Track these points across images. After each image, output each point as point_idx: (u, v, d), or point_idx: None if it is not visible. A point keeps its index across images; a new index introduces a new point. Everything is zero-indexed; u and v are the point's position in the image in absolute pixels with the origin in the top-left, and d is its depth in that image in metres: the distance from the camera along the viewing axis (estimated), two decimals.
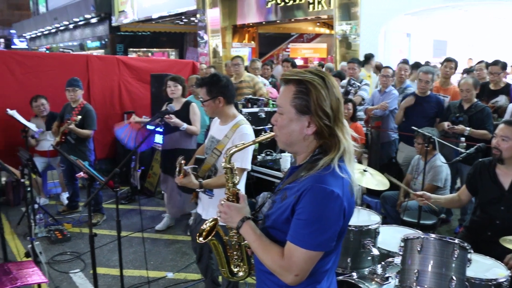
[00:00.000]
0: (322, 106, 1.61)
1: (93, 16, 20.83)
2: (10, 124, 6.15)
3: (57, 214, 6.00)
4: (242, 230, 1.77)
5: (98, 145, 6.32)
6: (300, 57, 15.47)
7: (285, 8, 13.13)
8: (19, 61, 6.58)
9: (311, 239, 1.57)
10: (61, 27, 25.53)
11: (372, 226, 3.15)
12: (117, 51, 20.04)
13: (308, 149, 1.70)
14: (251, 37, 16.18)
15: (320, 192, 1.57)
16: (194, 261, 4.56)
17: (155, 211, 6.16)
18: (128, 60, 7.78)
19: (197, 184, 2.99)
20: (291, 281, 1.63)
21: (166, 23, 19.57)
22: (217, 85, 3.14)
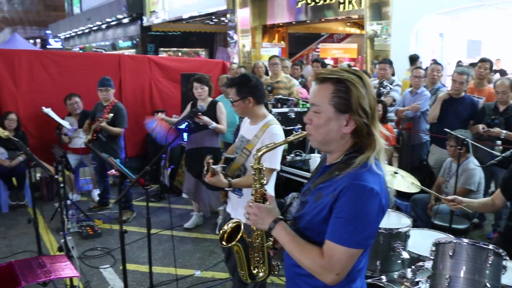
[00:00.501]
0: (362, 105, 1.61)
1: (125, 16, 21.16)
2: (45, 122, 6.32)
3: (88, 210, 6.12)
4: (275, 232, 1.73)
5: (128, 143, 6.41)
6: (330, 57, 15.34)
7: (315, 8, 13.05)
8: (54, 60, 6.73)
9: (352, 237, 1.56)
10: (94, 27, 26.03)
11: (402, 229, 3.10)
12: (148, 51, 20.30)
13: (343, 148, 1.69)
14: (281, 37, 16.15)
15: (360, 189, 1.56)
16: (222, 260, 4.60)
17: (184, 209, 6.21)
18: (159, 59, 7.87)
19: (226, 183, 3.00)
20: (331, 280, 1.61)
21: (196, 23, 19.71)
22: (247, 85, 3.14)
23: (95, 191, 6.65)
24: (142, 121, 6.94)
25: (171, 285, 4.21)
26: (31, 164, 4.26)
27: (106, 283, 4.28)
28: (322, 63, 7.88)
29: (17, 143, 4.22)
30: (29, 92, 6.45)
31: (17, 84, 6.36)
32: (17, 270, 3.23)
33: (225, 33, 18.39)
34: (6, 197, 6.20)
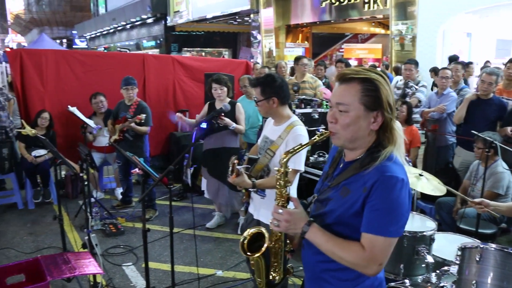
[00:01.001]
0: (389, 102, 1.69)
1: (149, 16, 21.38)
2: (70, 120, 6.42)
3: (111, 208, 6.18)
4: (309, 234, 1.73)
5: (152, 142, 6.45)
6: (354, 58, 15.24)
7: (339, 7, 12.97)
8: (80, 60, 6.82)
9: (390, 226, 1.63)
10: (119, 27, 26.38)
11: (427, 232, 3.05)
12: (172, 51, 20.47)
13: (368, 144, 1.74)
14: (305, 37, 16.10)
15: (391, 181, 1.63)
16: (243, 260, 4.59)
17: (206, 208, 6.23)
18: (182, 59, 7.90)
19: (250, 183, 2.99)
20: (375, 271, 1.67)
21: (220, 23, 19.80)
22: (272, 85, 3.13)
23: (118, 189, 6.72)
24: (166, 120, 7.02)
25: (193, 284, 4.22)
26: (57, 162, 4.33)
27: (128, 280, 4.32)
28: (346, 63, 7.82)
29: (44, 141, 4.29)
30: (56, 91, 6.55)
31: (44, 84, 6.46)
32: (43, 265, 3.29)
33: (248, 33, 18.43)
34: (32, 194, 6.32)
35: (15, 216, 6.07)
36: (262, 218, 3.30)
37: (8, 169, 6.31)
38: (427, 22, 10.14)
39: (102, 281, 3.90)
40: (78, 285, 4.15)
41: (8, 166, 6.30)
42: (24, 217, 6.03)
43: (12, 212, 6.20)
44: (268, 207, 3.18)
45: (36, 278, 3.33)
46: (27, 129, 5.41)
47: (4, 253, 4.93)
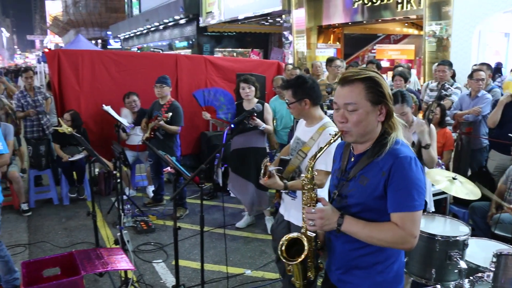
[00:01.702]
0: (389, 92, 1.88)
1: (181, 17, 21.60)
2: (104, 119, 6.55)
3: (143, 206, 6.28)
4: (345, 226, 1.87)
5: (183, 142, 6.52)
6: (386, 59, 15.02)
7: (372, 8, 12.82)
8: (114, 60, 6.95)
9: (415, 201, 1.79)
10: (152, 28, 26.74)
11: (460, 237, 2.98)
12: (204, 51, 20.62)
13: (375, 134, 1.91)
14: (336, 38, 15.97)
15: (406, 161, 1.80)
16: (272, 260, 4.59)
17: (236, 208, 6.27)
18: (215, 59, 7.94)
19: (282, 185, 2.98)
20: (412, 243, 1.81)
21: (251, 23, 19.84)
22: (303, 87, 3.13)
23: (150, 187, 6.82)
24: (197, 120, 7.08)
25: (221, 283, 4.25)
26: (91, 159, 4.43)
27: (158, 277, 4.39)
28: (377, 64, 7.72)
29: (79, 139, 4.39)
30: (91, 90, 6.69)
31: (80, 83, 6.60)
32: (77, 260, 3.37)
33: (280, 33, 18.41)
34: (68, 190, 6.49)
35: (51, 211, 6.25)
36: (293, 219, 3.30)
37: (45, 166, 6.50)
38: (462, 22, 9.91)
39: (133, 277, 3.97)
40: (109, 280, 4.24)
41: (45, 163, 6.50)
42: (59, 212, 6.19)
43: (48, 207, 6.38)
44: (299, 208, 3.17)
45: (71, 272, 3.42)
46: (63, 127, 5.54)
47: (40, 246, 5.09)
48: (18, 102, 6.62)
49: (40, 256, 4.68)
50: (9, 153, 3.84)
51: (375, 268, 1.94)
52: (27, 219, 5.90)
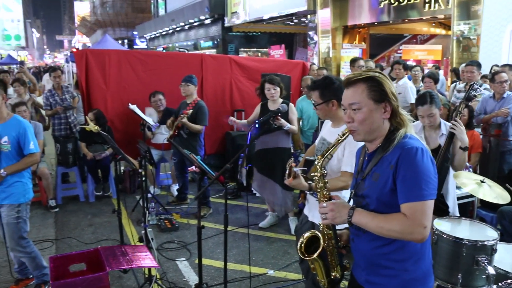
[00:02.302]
0: (392, 90, 1.93)
1: (207, 17, 21.73)
2: (130, 118, 6.62)
3: (167, 204, 6.32)
4: (355, 217, 1.91)
5: (208, 141, 6.55)
6: (412, 59, 14.80)
7: (398, 8, 12.66)
8: (141, 59, 7.02)
9: (423, 190, 1.80)
10: (178, 28, 26.97)
11: (488, 242, 2.91)
12: (229, 51, 20.70)
13: (384, 132, 1.96)
14: (362, 38, 15.83)
15: (410, 152, 1.83)
16: (295, 261, 4.58)
17: (259, 208, 6.26)
18: (240, 59, 7.95)
19: (306, 186, 2.94)
20: (422, 234, 1.80)
21: (276, 23, 19.84)
22: (330, 88, 3.10)
23: (174, 186, 6.86)
24: (222, 119, 7.10)
25: (244, 282, 4.26)
26: (117, 157, 4.48)
27: (181, 275, 4.41)
28: (404, 64, 7.60)
29: (106, 137, 4.45)
30: (117, 89, 6.77)
31: (106, 82, 6.69)
32: (103, 256, 3.42)
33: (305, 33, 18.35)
34: (93, 188, 6.60)
35: (77, 207, 6.35)
36: (317, 220, 3.27)
37: (72, 163, 6.62)
38: (492, 22, 9.70)
39: (156, 274, 3.99)
40: (133, 277, 4.28)
41: (72, 160, 6.61)
42: (85, 209, 6.29)
43: (75, 204, 6.49)
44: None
45: (96, 268, 3.47)
46: (90, 125, 5.63)
47: (66, 242, 5.18)
48: (46, 100, 6.74)
49: (66, 252, 4.77)
50: (40, 152, 3.91)
51: (402, 266, 1.95)
52: (54, 215, 6.02)
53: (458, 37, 10.28)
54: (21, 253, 3.87)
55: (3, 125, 3.73)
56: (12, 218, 3.76)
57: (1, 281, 4.28)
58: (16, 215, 3.77)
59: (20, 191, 3.79)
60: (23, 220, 3.84)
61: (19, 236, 3.81)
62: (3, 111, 3.77)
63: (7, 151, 3.69)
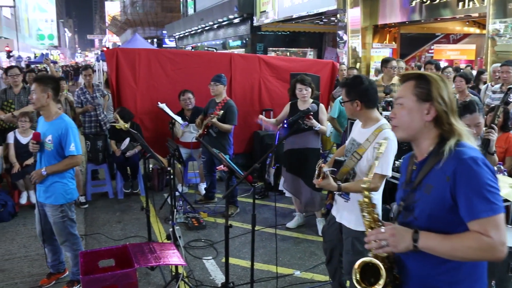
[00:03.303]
0: (441, 94, 1.81)
1: (236, 17, 21.79)
2: (159, 116, 6.67)
3: (194, 202, 6.35)
4: (422, 242, 1.71)
5: (236, 140, 6.52)
6: (444, 59, 14.52)
7: (430, 6, 12.42)
8: (170, 58, 7.06)
9: (492, 203, 1.64)
10: (206, 27, 27.13)
11: None
12: (257, 50, 20.71)
13: (428, 136, 1.85)
14: (392, 38, 15.59)
15: (470, 162, 1.68)
16: (322, 262, 4.52)
17: (286, 208, 6.22)
18: (269, 59, 7.91)
19: (335, 186, 2.95)
20: (502, 253, 1.62)
21: (305, 22, 19.74)
22: (357, 88, 3.07)
23: (202, 184, 6.88)
24: (250, 119, 7.09)
25: (270, 283, 4.23)
26: (146, 155, 4.52)
27: (208, 274, 4.41)
28: (436, 65, 7.44)
29: (135, 135, 4.49)
30: (147, 88, 6.83)
31: (136, 80, 6.76)
32: (131, 253, 3.45)
33: (334, 33, 18.21)
34: (122, 185, 6.68)
35: (106, 204, 6.45)
36: (345, 221, 3.26)
37: (101, 160, 6.71)
38: None
39: (183, 272, 4.01)
40: (160, 274, 4.31)
41: (101, 158, 6.71)
42: (113, 206, 6.38)
43: (104, 201, 6.59)
44: (351, 210, 3.17)
45: (124, 264, 3.51)
46: (120, 123, 5.71)
47: (95, 238, 5.26)
48: (78, 98, 6.86)
49: (95, 247, 4.85)
50: (82, 155, 3.91)
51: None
52: (84, 211, 6.12)
53: (493, 36, 10.00)
54: (69, 248, 3.95)
55: (49, 123, 3.77)
56: (57, 218, 3.82)
57: (34, 274, 4.38)
58: (60, 214, 3.82)
59: (60, 191, 3.81)
60: (69, 219, 3.89)
61: (67, 232, 3.89)
62: (51, 109, 3.79)
63: (50, 150, 3.73)
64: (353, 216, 3.16)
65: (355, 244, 3.19)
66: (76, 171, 6.20)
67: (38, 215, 3.95)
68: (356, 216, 3.16)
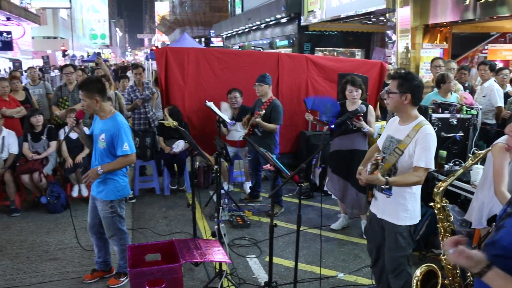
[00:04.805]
0: None
1: (283, 16, 21.73)
2: (206, 114, 6.74)
3: (239, 201, 6.40)
4: (487, 279, 1.59)
5: (282, 140, 6.51)
6: (499, 60, 13.94)
7: (486, 4, 11.93)
8: (218, 57, 7.12)
9: None
10: (254, 26, 27.21)
11: None
12: (304, 50, 20.58)
13: None
14: (444, 38, 15.11)
15: None
16: (366, 265, 4.47)
17: (331, 209, 6.17)
18: (316, 58, 7.84)
19: (383, 180, 3.00)
20: None
21: (353, 22, 19.43)
22: (410, 82, 3.13)
23: (247, 183, 6.92)
24: (297, 119, 7.06)
25: (313, 284, 4.22)
26: (194, 153, 4.58)
27: (251, 272, 4.44)
28: (491, 65, 7.18)
29: (183, 133, 4.57)
30: (195, 86, 6.93)
31: (185, 79, 6.87)
32: (177, 248, 3.51)
33: (382, 33, 17.86)
34: (169, 181, 6.80)
35: (153, 200, 6.60)
36: (387, 217, 3.29)
37: (149, 157, 6.87)
38: None
39: (227, 269, 4.05)
40: (204, 270, 4.37)
41: (149, 154, 6.86)
42: (160, 201, 6.52)
43: (151, 196, 6.74)
44: (394, 205, 3.23)
45: (170, 259, 3.58)
46: (169, 121, 5.82)
47: (142, 232, 5.39)
48: (128, 96, 7.04)
49: (141, 241, 4.97)
50: (135, 153, 3.97)
51: None
52: (131, 206, 6.28)
53: None
54: (116, 242, 4.06)
55: (103, 122, 3.86)
56: (107, 213, 3.93)
57: (84, 264, 4.56)
58: (110, 210, 3.92)
59: (111, 188, 3.90)
60: (118, 215, 3.98)
61: (115, 228, 3.99)
62: (104, 109, 3.87)
63: (103, 148, 3.83)
64: (395, 211, 3.23)
65: (398, 239, 3.22)
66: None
67: (91, 208, 4.08)
68: (399, 211, 3.21)
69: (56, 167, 6.60)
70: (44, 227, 5.54)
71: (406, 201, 3.20)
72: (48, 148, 6.30)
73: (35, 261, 4.64)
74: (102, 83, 3.94)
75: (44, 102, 7.71)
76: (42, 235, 5.31)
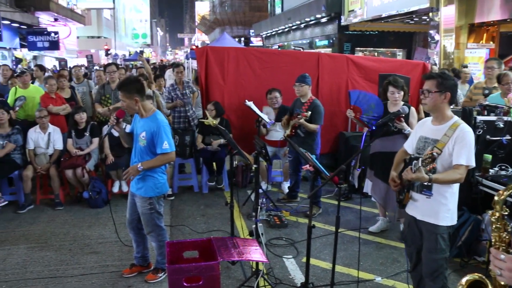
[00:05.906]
0: None
1: (323, 16, 21.58)
2: (246, 114, 6.77)
3: (277, 201, 6.38)
4: None
5: (321, 140, 6.43)
6: None
7: None
8: (258, 57, 7.15)
9: None
10: (293, 26, 27.13)
11: None
12: (344, 50, 20.38)
13: None
14: (490, 37, 14.62)
15: None
16: (404, 270, 4.38)
17: (370, 212, 6.07)
18: (357, 59, 7.75)
19: (427, 178, 2.96)
20: None
21: (395, 22, 19.07)
22: (449, 81, 3.16)
23: (285, 183, 6.90)
24: (337, 119, 7.00)
25: (350, 286, 4.16)
26: (233, 152, 4.60)
27: (287, 272, 4.42)
28: None
29: (223, 132, 4.60)
30: (235, 85, 6.98)
31: (225, 78, 6.93)
32: (215, 246, 3.54)
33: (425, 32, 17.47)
34: (207, 179, 6.86)
35: (191, 197, 6.68)
36: (427, 218, 3.23)
37: (188, 155, 6.95)
38: None
39: (263, 269, 4.05)
40: (240, 269, 4.39)
41: (188, 152, 6.94)
42: (198, 199, 6.59)
43: (189, 194, 6.83)
44: (434, 206, 3.19)
45: (208, 256, 3.61)
46: (209, 120, 5.87)
47: (180, 229, 5.46)
48: (168, 94, 7.15)
49: (179, 238, 5.03)
50: (174, 151, 4.00)
51: None
52: (170, 203, 6.37)
53: None
54: (154, 238, 4.12)
55: (144, 120, 3.92)
56: (145, 209, 3.99)
57: (123, 258, 4.66)
58: (148, 206, 3.97)
59: (150, 185, 3.95)
60: (156, 212, 4.03)
61: (153, 224, 4.04)
62: (146, 106, 3.95)
63: (143, 146, 3.89)
64: (436, 212, 3.19)
65: (439, 241, 3.18)
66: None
67: (130, 204, 4.16)
68: (440, 211, 3.17)
69: (98, 163, 6.78)
70: (86, 221, 5.71)
71: (447, 201, 3.16)
72: (90, 144, 6.49)
73: (77, 254, 4.79)
74: (140, 83, 3.99)
75: (87, 99, 7.94)
76: (83, 228, 5.48)
